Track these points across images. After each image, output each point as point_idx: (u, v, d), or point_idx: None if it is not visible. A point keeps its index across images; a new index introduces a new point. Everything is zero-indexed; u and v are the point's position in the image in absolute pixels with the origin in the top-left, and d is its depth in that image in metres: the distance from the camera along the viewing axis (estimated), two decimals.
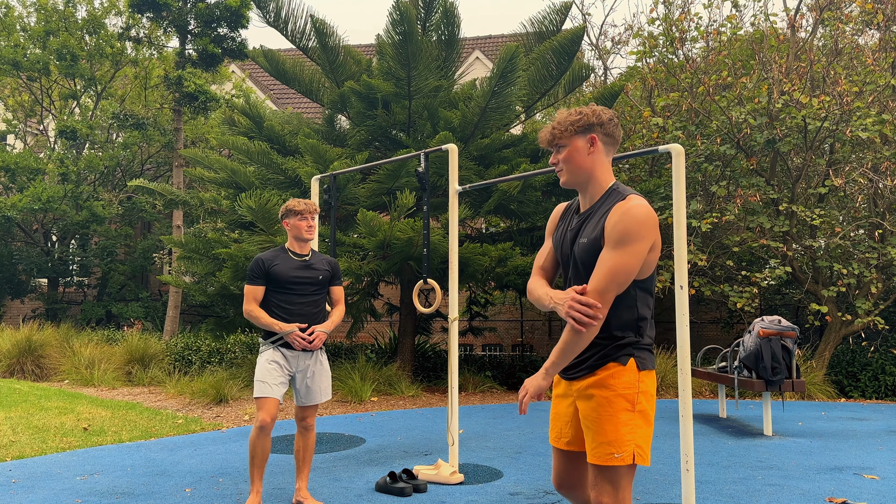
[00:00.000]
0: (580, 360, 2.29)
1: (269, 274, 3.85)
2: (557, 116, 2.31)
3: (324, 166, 7.82)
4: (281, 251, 3.94)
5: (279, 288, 3.84)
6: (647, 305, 2.27)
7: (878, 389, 8.67)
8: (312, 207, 3.93)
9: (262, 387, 3.75)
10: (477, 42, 17.96)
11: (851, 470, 4.76)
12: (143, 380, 9.20)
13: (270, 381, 3.76)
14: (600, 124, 2.25)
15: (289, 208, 3.93)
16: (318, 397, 3.93)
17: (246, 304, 3.84)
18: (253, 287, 3.85)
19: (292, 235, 3.95)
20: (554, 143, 2.30)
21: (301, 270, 3.89)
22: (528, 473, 4.64)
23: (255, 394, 3.78)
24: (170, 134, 13.64)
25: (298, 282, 3.87)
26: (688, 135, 8.87)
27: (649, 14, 10.89)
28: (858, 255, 8.43)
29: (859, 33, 9.69)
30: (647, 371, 2.24)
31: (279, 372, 3.79)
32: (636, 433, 2.19)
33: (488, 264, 7.71)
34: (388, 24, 7.89)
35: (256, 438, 3.73)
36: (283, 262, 3.87)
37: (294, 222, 3.92)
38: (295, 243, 3.96)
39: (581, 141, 2.25)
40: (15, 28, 13.84)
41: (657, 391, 8.47)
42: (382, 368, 8.58)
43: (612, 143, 2.30)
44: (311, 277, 3.91)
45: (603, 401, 2.21)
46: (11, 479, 4.50)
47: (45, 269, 14.27)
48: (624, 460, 2.16)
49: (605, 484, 2.19)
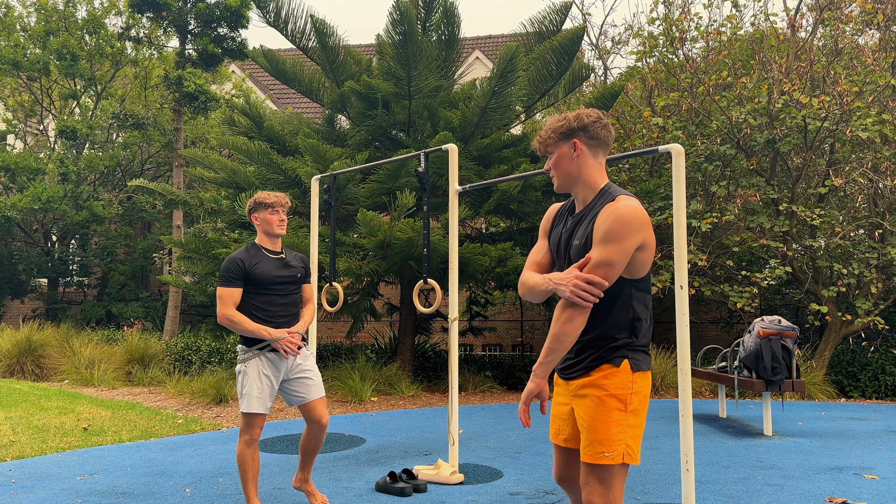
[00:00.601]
0: (576, 361, 2.32)
1: (250, 275, 3.56)
2: (546, 123, 2.37)
3: (324, 166, 7.82)
4: (254, 249, 3.65)
5: (260, 290, 3.57)
6: (643, 305, 2.29)
7: (878, 389, 8.67)
8: (284, 200, 3.67)
9: (255, 402, 3.54)
10: (477, 42, 17.96)
11: (851, 470, 4.76)
12: (143, 380, 9.20)
13: (262, 395, 3.56)
14: (582, 128, 2.28)
15: (257, 201, 3.65)
16: (321, 387, 3.73)
17: (223, 308, 3.52)
18: (231, 290, 3.54)
19: (263, 231, 3.66)
20: (544, 151, 2.37)
21: (281, 270, 3.65)
22: (528, 473, 4.64)
23: (246, 409, 3.55)
24: (170, 134, 13.64)
25: (280, 282, 3.62)
26: (688, 135, 8.87)
27: (649, 14, 10.89)
28: (858, 255, 8.43)
29: (859, 33, 9.69)
30: (642, 372, 2.26)
31: (270, 384, 3.59)
32: (627, 433, 2.21)
33: (488, 264, 7.71)
34: (388, 24, 7.90)
35: (247, 453, 3.56)
36: (264, 263, 3.61)
37: (265, 216, 3.65)
38: (266, 239, 3.68)
39: (565, 147, 2.30)
40: (15, 28, 13.84)
41: (657, 391, 8.48)
42: (382, 368, 8.58)
43: (598, 144, 2.32)
44: (291, 276, 3.67)
45: (596, 400, 2.24)
46: (11, 479, 4.50)
47: (45, 269, 14.27)
48: (614, 459, 2.19)
49: (595, 483, 2.21)
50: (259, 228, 3.68)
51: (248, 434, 3.57)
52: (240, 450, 3.59)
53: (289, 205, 3.70)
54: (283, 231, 3.68)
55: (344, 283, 7.92)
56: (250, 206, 3.68)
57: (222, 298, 3.54)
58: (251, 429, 3.57)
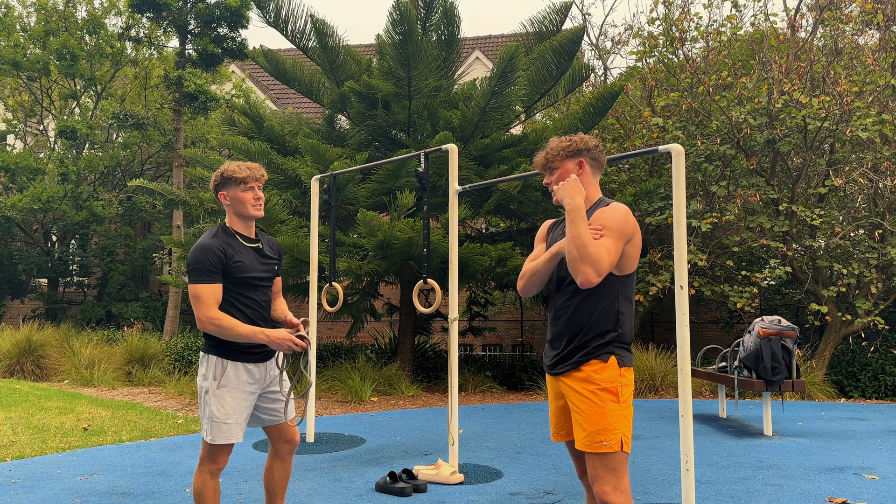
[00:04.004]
0: (565, 356, 2.49)
1: (229, 269, 2.82)
2: (550, 143, 2.61)
3: (324, 166, 7.82)
4: (226, 236, 2.88)
5: (240, 287, 2.86)
6: (627, 300, 2.50)
7: (878, 389, 8.67)
8: (258, 172, 2.92)
9: (228, 430, 2.81)
10: (477, 42, 17.96)
11: (851, 470, 4.76)
12: (143, 380, 9.20)
13: (241, 419, 2.86)
14: (587, 150, 2.57)
15: (225, 175, 2.87)
16: (290, 409, 3.03)
17: (205, 310, 2.75)
18: (210, 286, 2.77)
19: (234, 212, 2.91)
20: (547, 167, 2.61)
21: (261, 263, 2.94)
22: (528, 473, 4.64)
23: (216, 438, 2.80)
24: (170, 134, 13.64)
25: (262, 277, 2.93)
26: (688, 135, 8.87)
27: (649, 14, 10.89)
28: (858, 255, 8.43)
29: (859, 33, 9.69)
30: (627, 367, 2.46)
31: (248, 404, 2.90)
32: (622, 422, 2.39)
33: (488, 264, 7.71)
34: (388, 24, 7.90)
35: (209, 486, 2.86)
36: (244, 252, 2.88)
37: (236, 194, 2.87)
38: (239, 222, 2.93)
39: (571, 164, 2.56)
40: (15, 28, 13.84)
41: (657, 391, 8.48)
42: (382, 368, 8.58)
43: (597, 166, 2.60)
44: (269, 269, 2.98)
45: (589, 393, 2.42)
46: (11, 479, 4.50)
47: (45, 269, 14.27)
48: (612, 447, 2.36)
49: (605, 473, 2.37)
50: (229, 209, 2.92)
51: (212, 464, 2.88)
52: (199, 482, 2.86)
53: (265, 178, 2.95)
54: (261, 212, 2.93)
55: (344, 284, 7.92)
56: (216, 181, 2.92)
57: (200, 298, 2.75)
58: (219, 456, 2.87)
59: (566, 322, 2.48)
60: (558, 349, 2.51)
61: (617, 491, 2.35)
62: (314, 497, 4.06)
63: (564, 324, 2.49)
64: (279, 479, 3.09)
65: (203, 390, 2.87)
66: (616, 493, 2.34)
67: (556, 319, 2.53)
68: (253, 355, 2.89)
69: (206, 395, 2.85)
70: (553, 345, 2.55)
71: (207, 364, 2.86)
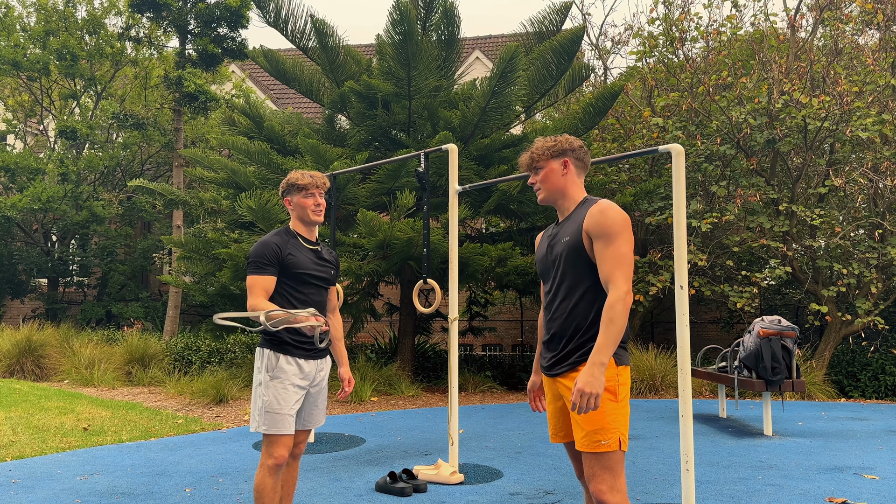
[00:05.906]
0: (561, 357, 2.49)
1: (284, 264, 2.99)
2: (535, 143, 2.63)
3: (324, 166, 7.82)
4: (288, 235, 3.08)
5: (295, 282, 3.02)
6: None
7: (878, 389, 8.67)
8: (320, 180, 3.09)
9: (283, 421, 2.90)
10: (477, 42, 17.96)
11: (851, 470, 4.76)
12: (143, 380, 9.20)
13: (291, 412, 2.94)
14: (572, 150, 2.58)
15: (290, 182, 3.09)
16: (321, 416, 3.15)
17: (253, 298, 2.93)
18: (262, 277, 2.95)
19: (297, 217, 3.11)
20: (532, 167, 2.63)
21: (317, 263, 3.10)
22: (528, 473, 4.64)
23: (271, 429, 2.89)
24: (170, 134, 13.65)
25: (317, 276, 3.08)
26: (688, 135, 8.87)
27: (649, 14, 10.88)
28: (858, 255, 8.43)
29: (859, 33, 9.69)
30: (624, 366, 2.44)
31: (299, 398, 2.99)
32: (619, 422, 2.38)
33: (488, 264, 7.71)
34: (388, 24, 7.90)
35: (269, 480, 2.90)
36: (300, 251, 3.05)
37: (298, 200, 3.09)
38: (302, 226, 3.12)
39: (556, 163, 2.58)
40: (15, 28, 13.84)
41: (657, 391, 8.48)
42: (382, 368, 8.58)
43: (582, 166, 2.61)
44: (325, 272, 3.13)
45: None
46: (11, 479, 4.50)
47: (45, 269, 14.27)
48: (610, 446, 2.36)
49: (602, 472, 2.37)
50: (293, 214, 3.13)
51: (270, 458, 2.90)
52: (258, 479, 2.90)
53: (327, 185, 3.13)
54: (321, 218, 3.11)
55: (344, 283, 7.92)
56: (283, 189, 3.14)
57: (251, 287, 2.95)
58: (276, 450, 2.91)
59: (562, 323, 2.48)
60: (555, 351, 2.51)
61: (613, 490, 2.35)
62: (314, 497, 4.06)
63: (560, 325, 2.49)
64: (285, 482, 3.12)
65: (257, 383, 2.99)
66: (613, 492, 2.35)
67: (552, 321, 2.53)
68: (304, 351, 3.01)
69: (258, 387, 2.97)
70: (549, 346, 2.55)
71: (262, 358, 2.99)
